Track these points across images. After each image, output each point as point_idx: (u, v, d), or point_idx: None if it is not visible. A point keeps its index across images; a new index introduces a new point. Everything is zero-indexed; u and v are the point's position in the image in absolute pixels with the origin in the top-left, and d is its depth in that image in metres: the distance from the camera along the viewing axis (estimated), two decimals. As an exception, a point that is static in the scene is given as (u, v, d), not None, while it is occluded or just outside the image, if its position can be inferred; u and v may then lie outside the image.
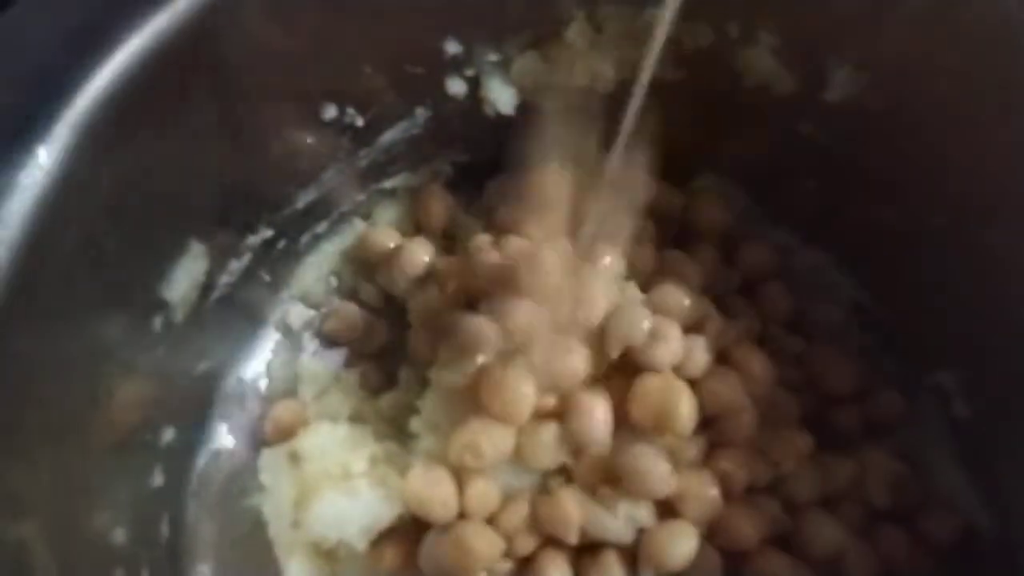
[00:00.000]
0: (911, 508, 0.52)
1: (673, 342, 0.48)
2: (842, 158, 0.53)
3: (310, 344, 0.58)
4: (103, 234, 0.38)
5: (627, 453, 0.46)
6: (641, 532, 0.46)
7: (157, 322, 0.45)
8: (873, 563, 0.49)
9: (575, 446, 0.47)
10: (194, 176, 0.43)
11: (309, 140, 0.49)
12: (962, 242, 0.49)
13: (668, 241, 0.58)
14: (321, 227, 0.58)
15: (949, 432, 0.54)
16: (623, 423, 0.47)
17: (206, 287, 0.48)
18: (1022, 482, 0.49)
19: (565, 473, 0.48)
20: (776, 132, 0.54)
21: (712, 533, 0.47)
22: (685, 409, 0.46)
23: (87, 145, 0.35)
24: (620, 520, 0.46)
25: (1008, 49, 0.41)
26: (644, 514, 0.46)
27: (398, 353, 0.56)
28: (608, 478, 0.47)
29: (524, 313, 0.47)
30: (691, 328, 0.51)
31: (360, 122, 0.51)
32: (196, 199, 0.44)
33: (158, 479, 0.49)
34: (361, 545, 0.48)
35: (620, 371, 0.48)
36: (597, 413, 0.46)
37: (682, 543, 0.45)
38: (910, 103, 0.47)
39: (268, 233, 0.53)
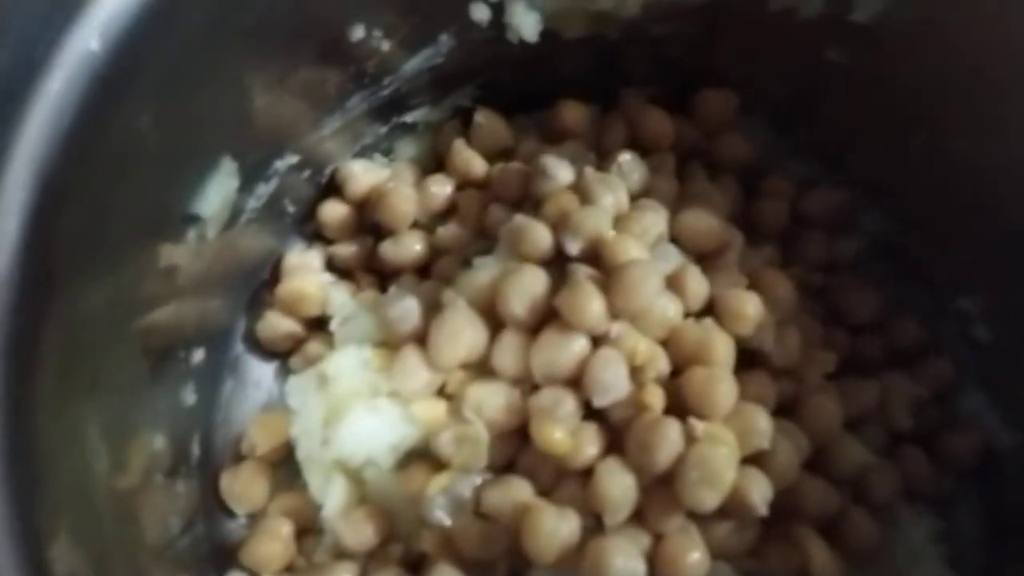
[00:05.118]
0: (932, 430, 0.53)
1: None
2: (869, 82, 0.53)
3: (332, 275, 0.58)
4: (146, 130, 0.38)
5: None
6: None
7: (191, 235, 0.45)
8: (896, 481, 0.49)
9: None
10: (229, 90, 0.44)
11: (337, 61, 0.49)
12: (988, 162, 0.49)
13: (691, 175, 0.58)
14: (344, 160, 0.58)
15: (971, 357, 0.55)
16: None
17: (236, 209, 0.49)
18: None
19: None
20: (802, 58, 0.54)
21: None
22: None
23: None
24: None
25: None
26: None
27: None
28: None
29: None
30: (715, 253, 0.52)
31: (386, 46, 0.51)
32: (229, 113, 0.45)
33: (190, 398, 0.50)
34: (387, 463, 0.48)
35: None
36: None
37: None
38: (940, 18, 0.46)
39: (294, 159, 0.53)
